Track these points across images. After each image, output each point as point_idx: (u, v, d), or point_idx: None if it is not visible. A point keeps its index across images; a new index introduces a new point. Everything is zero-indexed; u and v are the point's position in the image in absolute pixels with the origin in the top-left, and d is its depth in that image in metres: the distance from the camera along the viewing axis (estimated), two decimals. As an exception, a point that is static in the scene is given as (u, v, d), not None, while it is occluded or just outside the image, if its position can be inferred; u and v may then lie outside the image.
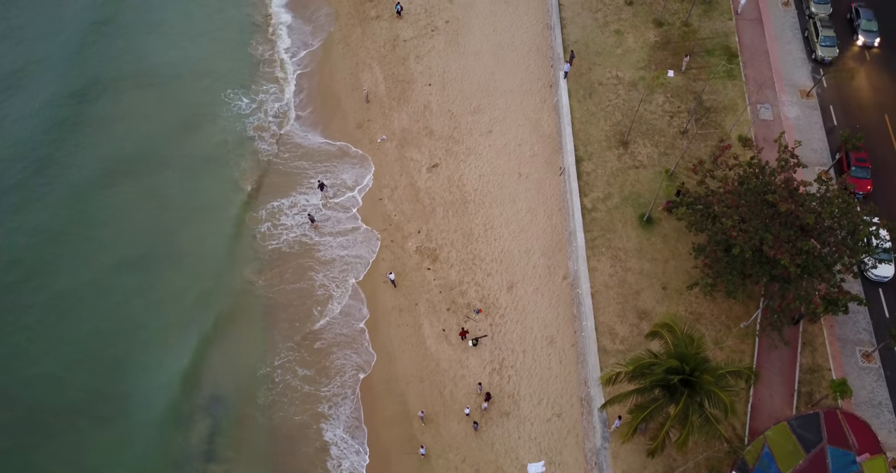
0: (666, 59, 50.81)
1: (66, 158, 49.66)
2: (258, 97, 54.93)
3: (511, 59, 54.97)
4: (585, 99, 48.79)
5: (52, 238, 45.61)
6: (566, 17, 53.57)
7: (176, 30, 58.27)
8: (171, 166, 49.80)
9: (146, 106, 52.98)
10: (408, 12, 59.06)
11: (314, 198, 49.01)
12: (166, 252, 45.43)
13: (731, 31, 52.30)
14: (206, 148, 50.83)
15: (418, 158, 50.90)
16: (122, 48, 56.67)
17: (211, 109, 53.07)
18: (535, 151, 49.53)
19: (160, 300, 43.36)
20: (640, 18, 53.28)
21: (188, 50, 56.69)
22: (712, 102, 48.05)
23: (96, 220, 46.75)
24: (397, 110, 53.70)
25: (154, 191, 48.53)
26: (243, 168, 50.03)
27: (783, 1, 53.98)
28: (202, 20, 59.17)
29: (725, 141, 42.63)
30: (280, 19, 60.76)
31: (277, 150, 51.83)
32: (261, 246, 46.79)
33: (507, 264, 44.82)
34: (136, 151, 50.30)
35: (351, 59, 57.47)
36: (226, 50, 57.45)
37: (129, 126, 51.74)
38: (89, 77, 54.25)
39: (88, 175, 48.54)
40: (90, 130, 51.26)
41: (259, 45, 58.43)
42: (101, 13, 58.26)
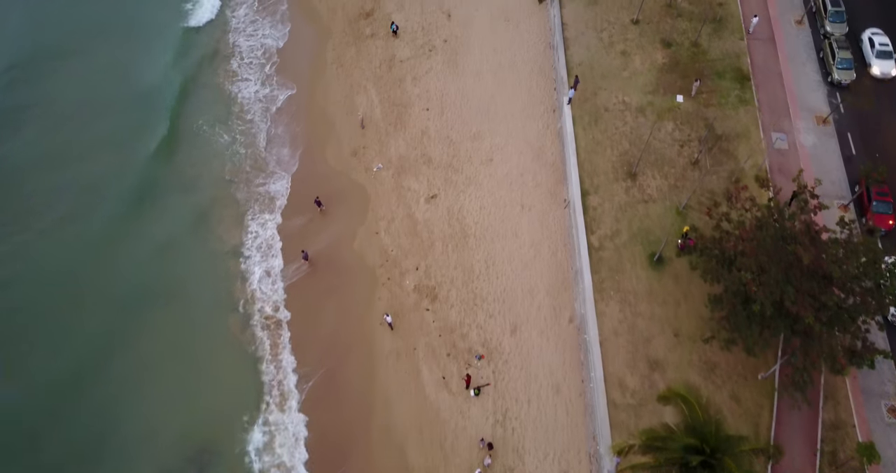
0: (675, 82, 48.47)
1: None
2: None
3: (512, 80, 52.62)
4: (591, 126, 46.49)
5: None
6: (570, 37, 51.20)
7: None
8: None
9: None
10: (404, 30, 56.67)
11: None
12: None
13: (743, 51, 49.95)
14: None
15: (416, 188, 48.64)
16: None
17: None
18: (538, 181, 47.27)
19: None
20: (646, 38, 50.89)
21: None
22: (724, 130, 45.77)
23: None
24: (394, 136, 51.40)
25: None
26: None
27: (796, 19, 51.58)
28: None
29: (741, 181, 40.33)
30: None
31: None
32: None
33: (510, 304, 42.64)
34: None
35: (345, 81, 55.11)
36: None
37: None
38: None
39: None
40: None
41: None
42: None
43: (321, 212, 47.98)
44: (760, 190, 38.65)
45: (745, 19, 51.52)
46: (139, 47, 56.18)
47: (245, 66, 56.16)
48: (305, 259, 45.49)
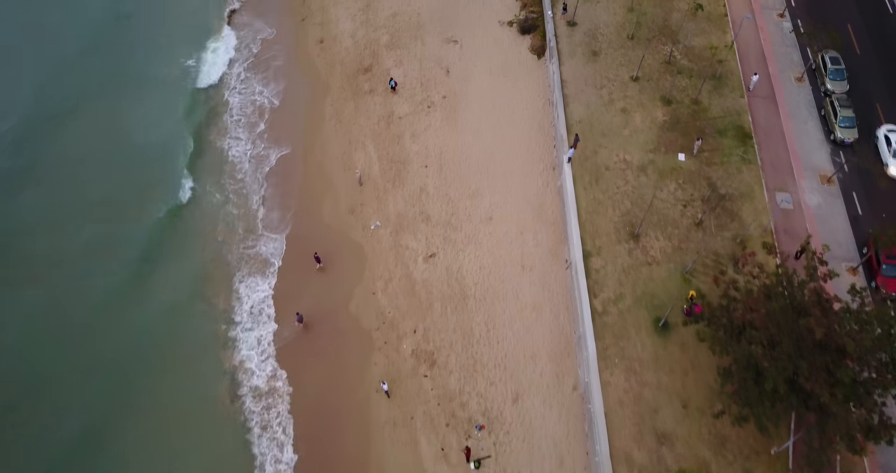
0: (676, 140, 47.97)
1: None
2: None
3: (511, 137, 52.18)
4: (592, 185, 45.76)
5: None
6: (569, 94, 50.91)
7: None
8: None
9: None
10: (403, 86, 56.50)
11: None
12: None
13: (744, 109, 49.61)
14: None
15: (414, 247, 47.67)
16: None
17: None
18: (538, 240, 46.31)
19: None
20: (646, 95, 50.61)
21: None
22: (727, 189, 45.06)
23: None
24: (392, 193, 50.68)
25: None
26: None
27: (797, 76, 51.42)
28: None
29: (748, 247, 39.39)
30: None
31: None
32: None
33: (511, 371, 41.20)
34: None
35: (344, 137, 54.67)
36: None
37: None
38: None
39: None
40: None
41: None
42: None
43: (319, 268, 46.91)
44: (768, 256, 37.59)
45: (745, 77, 51.36)
46: (141, 107, 55.74)
47: (240, 124, 55.79)
48: (300, 321, 44.20)
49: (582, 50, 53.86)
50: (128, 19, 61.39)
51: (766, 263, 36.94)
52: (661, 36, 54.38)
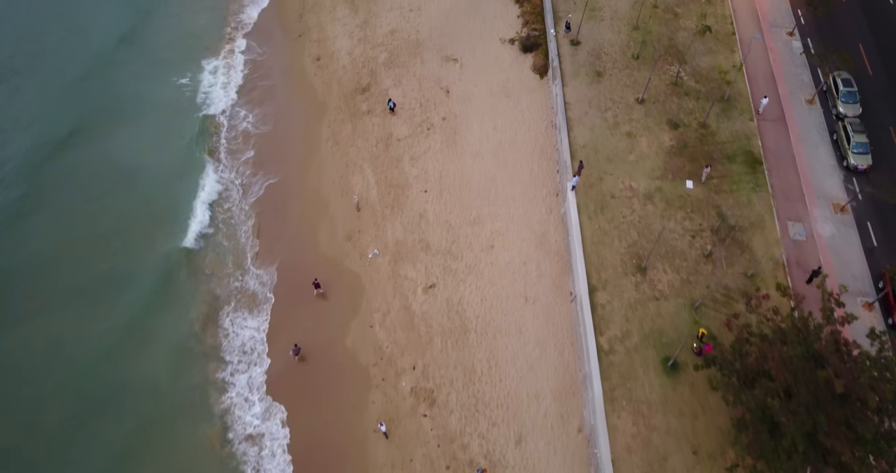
0: (683, 166, 46.46)
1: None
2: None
3: (513, 161, 50.64)
4: (597, 215, 44.22)
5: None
6: (573, 118, 49.37)
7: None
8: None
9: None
10: (402, 107, 54.97)
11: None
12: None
13: (753, 133, 48.09)
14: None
15: (413, 277, 46.12)
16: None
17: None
18: (541, 271, 44.76)
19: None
20: (652, 118, 49.08)
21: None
22: (737, 219, 43.54)
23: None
24: (390, 219, 49.14)
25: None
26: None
27: (807, 98, 49.89)
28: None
29: (761, 289, 37.85)
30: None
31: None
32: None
33: (514, 410, 39.66)
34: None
35: (341, 160, 53.15)
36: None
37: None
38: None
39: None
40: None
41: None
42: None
43: (319, 294, 45.41)
44: (782, 298, 36.05)
45: (754, 99, 49.85)
46: (135, 133, 54.20)
47: (234, 148, 54.25)
48: (296, 353, 42.72)
49: (586, 70, 52.33)
50: (129, 43, 59.79)
51: (780, 306, 35.31)
52: (668, 55, 52.86)
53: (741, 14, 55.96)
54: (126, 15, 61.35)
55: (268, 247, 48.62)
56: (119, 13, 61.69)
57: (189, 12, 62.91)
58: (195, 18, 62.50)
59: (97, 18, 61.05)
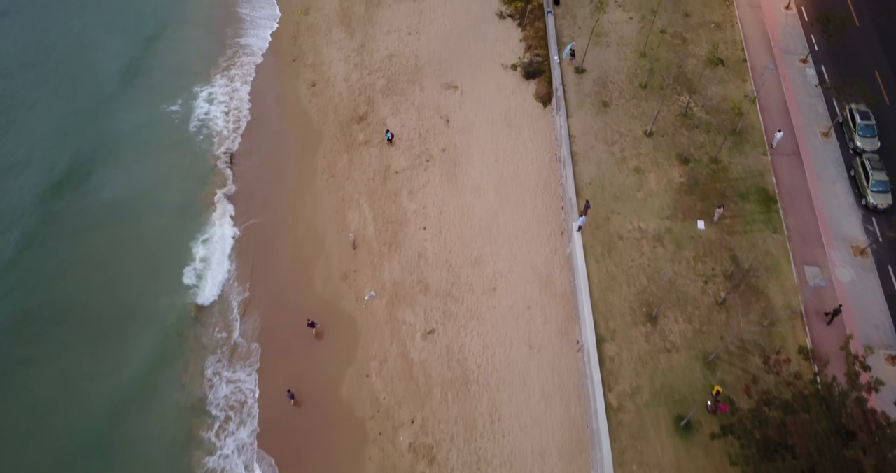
0: (694, 205, 44.38)
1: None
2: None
3: (516, 196, 48.55)
4: (604, 258, 42.14)
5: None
6: (578, 151, 47.30)
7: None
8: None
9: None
10: (400, 137, 52.91)
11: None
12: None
13: (767, 168, 46.04)
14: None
15: (412, 321, 44.04)
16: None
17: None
18: (546, 317, 42.68)
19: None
20: (661, 153, 47.01)
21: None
22: (751, 262, 41.41)
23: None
24: (388, 258, 47.05)
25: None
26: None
27: (823, 131, 47.81)
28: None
29: (782, 352, 35.74)
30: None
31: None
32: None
33: (518, 470, 37.64)
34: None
35: (336, 193, 51.08)
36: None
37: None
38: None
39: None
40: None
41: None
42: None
43: (314, 334, 43.37)
44: (804, 361, 33.96)
45: (767, 132, 47.80)
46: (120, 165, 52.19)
47: (232, 194, 52.27)
48: (291, 397, 40.78)
49: (591, 100, 50.27)
50: (121, 73, 57.78)
51: (802, 370, 33.21)
52: (676, 84, 50.83)
53: (752, 40, 53.90)
54: (119, 44, 59.20)
55: (260, 289, 46.48)
56: (111, 42, 59.53)
57: (183, 39, 60.81)
58: (191, 45, 60.38)
59: (85, 51, 58.81)
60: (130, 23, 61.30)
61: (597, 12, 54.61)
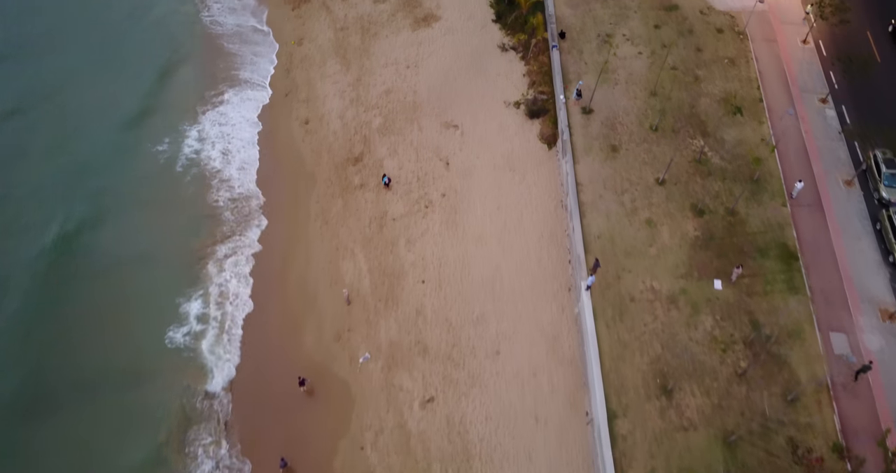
0: (710, 262, 41.63)
1: None
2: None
3: (519, 247, 45.83)
4: (615, 322, 39.40)
5: None
6: (586, 201, 44.56)
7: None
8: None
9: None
10: (398, 181, 50.21)
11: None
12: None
13: (787, 221, 43.29)
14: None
15: (409, 387, 41.33)
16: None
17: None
18: (553, 385, 39.97)
19: None
20: (674, 203, 44.26)
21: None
22: (772, 328, 38.67)
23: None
24: (384, 315, 44.34)
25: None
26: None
27: (845, 180, 45.06)
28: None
29: (813, 451, 32.94)
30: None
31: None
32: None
33: (523, 559, 34.78)
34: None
35: (330, 242, 48.36)
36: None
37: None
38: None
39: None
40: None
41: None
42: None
43: (304, 391, 40.73)
44: (839, 461, 31.21)
45: (786, 180, 45.14)
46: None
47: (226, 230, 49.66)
48: (283, 466, 38.08)
49: (599, 144, 47.56)
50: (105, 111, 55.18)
51: (836, 470, 30.45)
52: (689, 127, 48.12)
53: (768, 78, 51.20)
54: (108, 84, 56.60)
55: (247, 351, 43.71)
56: (95, 80, 56.86)
57: (172, 78, 58.22)
58: (180, 83, 57.76)
59: (79, 96, 56.07)
60: (120, 62, 58.64)
61: (605, 47, 51.94)
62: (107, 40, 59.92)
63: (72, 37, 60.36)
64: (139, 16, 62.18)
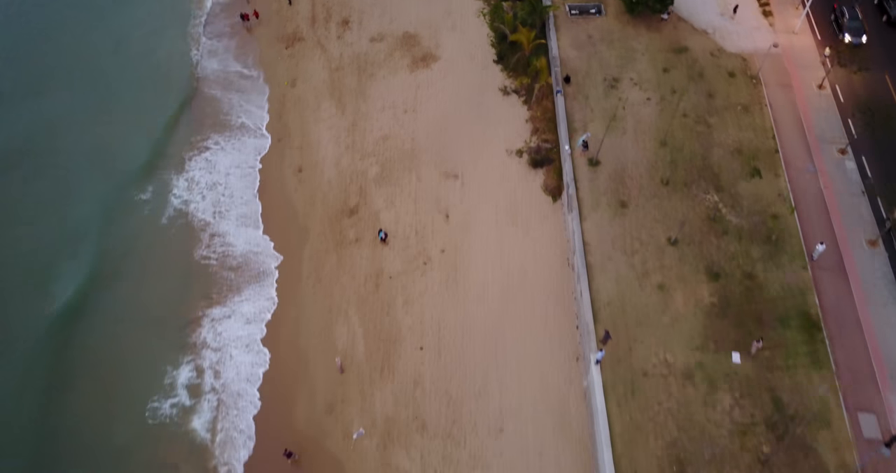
0: (727, 332, 39.01)
1: None
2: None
3: (524, 311, 43.28)
4: (627, 400, 36.73)
5: None
6: (594, 263, 41.99)
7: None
8: None
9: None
10: (395, 235, 47.67)
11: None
12: None
13: (808, 286, 40.68)
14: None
15: (407, 468, 38.72)
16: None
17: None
18: (561, 467, 37.42)
19: None
20: (688, 265, 41.66)
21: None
22: (796, 407, 36.06)
23: None
24: (380, 386, 41.69)
25: None
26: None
27: (869, 240, 42.50)
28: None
29: None
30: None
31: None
32: None
33: None
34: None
35: (323, 302, 45.73)
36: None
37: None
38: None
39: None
40: None
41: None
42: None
43: (291, 464, 38.17)
44: None
45: (805, 239, 42.55)
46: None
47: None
48: None
49: (607, 199, 45.05)
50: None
51: None
52: (702, 180, 45.66)
53: (784, 126, 48.76)
54: (87, 133, 54.22)
55: (233, 423, 40.98)
56: (83, 126, 54.50)
57: (158, 124, 55.91)
58: (167, 128, 55.50)
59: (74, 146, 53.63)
60: (106, 106, 56.35)
61: (612, 92, 49.65)
62: (96, 83, 57.57)
63: (57, 79, 57.94)
64: (127, 54, 59.75)
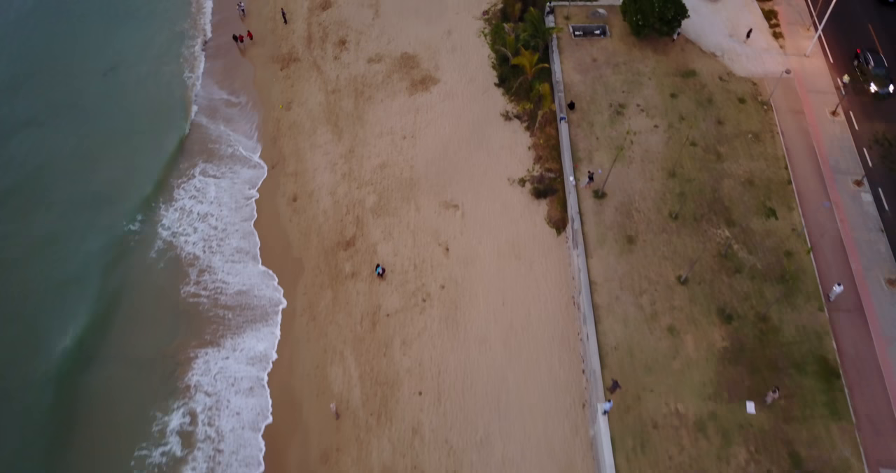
0: (741, 379, 37.19)
1: None
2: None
3: (528, 353, 41.45)
4: (636, 454, 34.86)
5: None
6: (601, 304, 40.13)
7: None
8: None
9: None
10: (393, 269, 45.80)
11: None
12: None
13: (825, 329, 38.83)
14: None
15: (406, 524, 36.61)
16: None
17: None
18: (567, 524, 35.23)
19: None
20: (699, 307, 39.80)
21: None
22: (815, 463, 34.14)
23: None
24: (376, 433, 39.80)
25: None
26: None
27: (888, 279, 40.69)
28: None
29: None
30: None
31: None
32: None
33: None
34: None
35: (317, 342, 43.86)
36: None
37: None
38: None
39: None
40: None
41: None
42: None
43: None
44: None
45: (821, 279, 40.72)
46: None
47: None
48: None
49: (614, 235, 43.20)
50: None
51: None
52: (712, 214, 43.82)
53: (796, 156, 46.93)
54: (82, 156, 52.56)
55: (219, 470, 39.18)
56: (74, 155, 52.75)
57: (145, 152, 54.13)
58: (155, 157, 53.64)
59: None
60: (97, 133, 54.53)
61: (617, 118, 47.91)
62: (86, 112, 55.83)
63: (46, 109, 56.17)
64: (118, 81, 57.94)
